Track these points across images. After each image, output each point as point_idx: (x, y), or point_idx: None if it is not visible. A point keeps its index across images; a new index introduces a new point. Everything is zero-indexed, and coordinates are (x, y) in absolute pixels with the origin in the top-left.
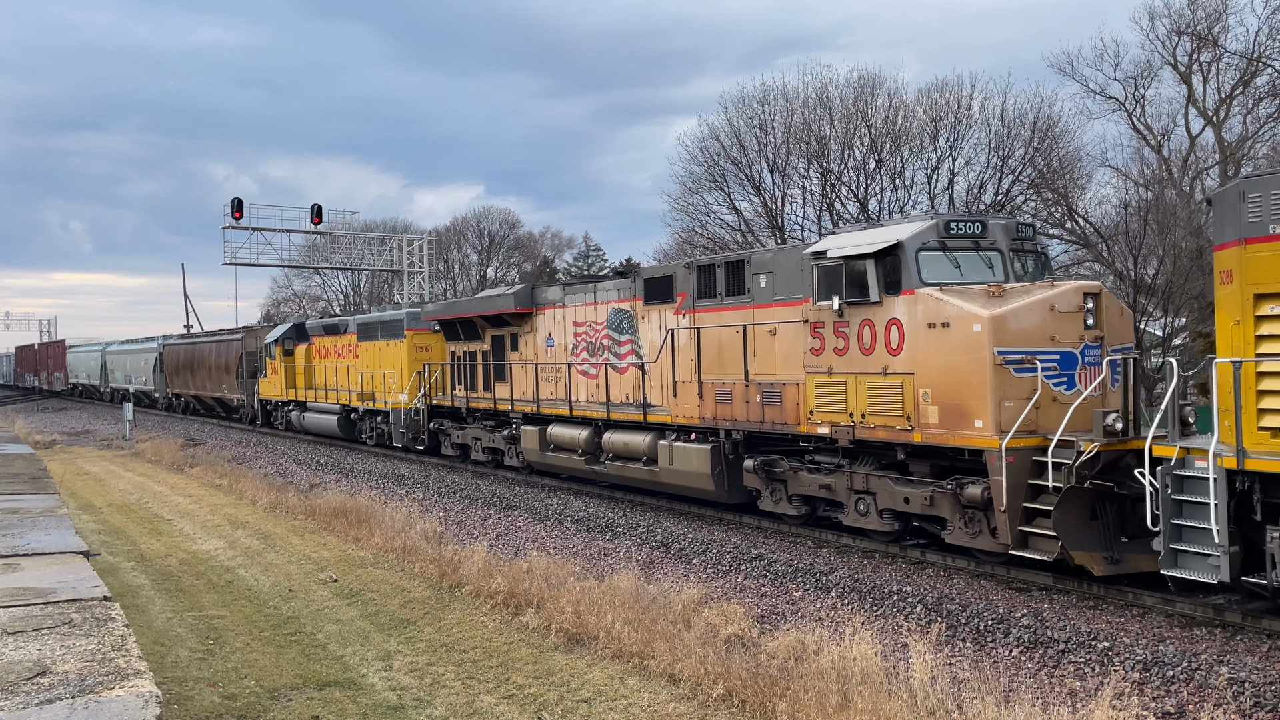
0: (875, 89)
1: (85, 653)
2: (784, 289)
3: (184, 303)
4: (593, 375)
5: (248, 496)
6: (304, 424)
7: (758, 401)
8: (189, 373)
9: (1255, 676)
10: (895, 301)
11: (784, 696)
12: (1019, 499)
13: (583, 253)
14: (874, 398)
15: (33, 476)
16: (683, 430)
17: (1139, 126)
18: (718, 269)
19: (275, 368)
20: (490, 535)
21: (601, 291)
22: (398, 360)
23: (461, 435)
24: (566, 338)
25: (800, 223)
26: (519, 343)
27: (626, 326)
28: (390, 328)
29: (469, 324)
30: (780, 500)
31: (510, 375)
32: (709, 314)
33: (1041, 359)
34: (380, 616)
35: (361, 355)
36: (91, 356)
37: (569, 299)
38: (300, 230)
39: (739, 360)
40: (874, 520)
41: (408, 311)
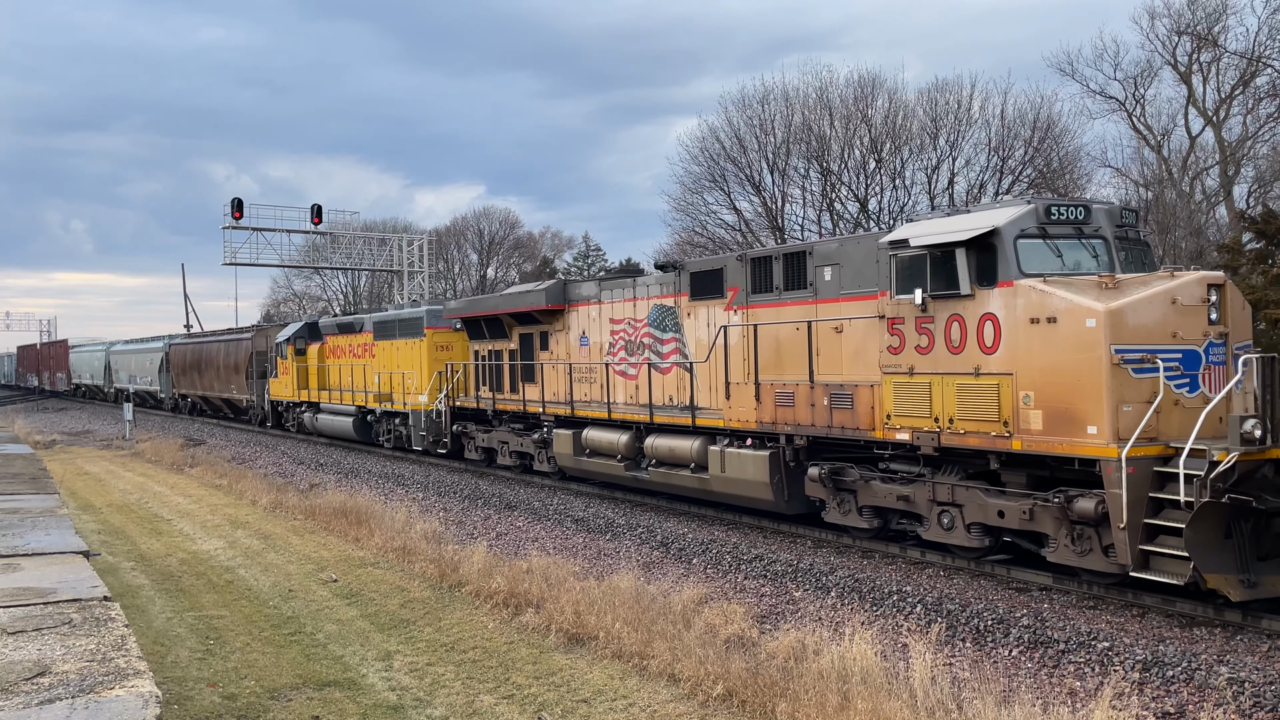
0: (875, 89)
1: (85, 653)
2: (852, 282)
3: (184, 303)
4: (632, 376)
5: (248, 496)
6: (317, 426)
7: (825, 404)
8: (196, 373)
9: (1255, 676)
10: (990, 294)
11: (784, 696)
12: (1140, 514)
13: (583, 253)
14: (964, 401)
15: (33, 476)
16: (736, 435)
17: (1139, 126)
18: (775, 261)
19: (286, 368)
20: (490, 535)
21: (642, 287)
22: (417, 360)
23: (487, 439)
24: (602, 336)
25: (800, 223)
26: (549, 341)
27: (670, 324)
28: (409, 326)
29: (495, 322)
30: (849, 512)
31: (541, 376)
32: (765, 310)
33: (1163, 357)
34: (380, 616)
35: (378, 355)
36: (95, 356)
37: (605, 295)
38: (300, 230)
39: (800, 360)
40: (960, 535)
41: (427, 309)
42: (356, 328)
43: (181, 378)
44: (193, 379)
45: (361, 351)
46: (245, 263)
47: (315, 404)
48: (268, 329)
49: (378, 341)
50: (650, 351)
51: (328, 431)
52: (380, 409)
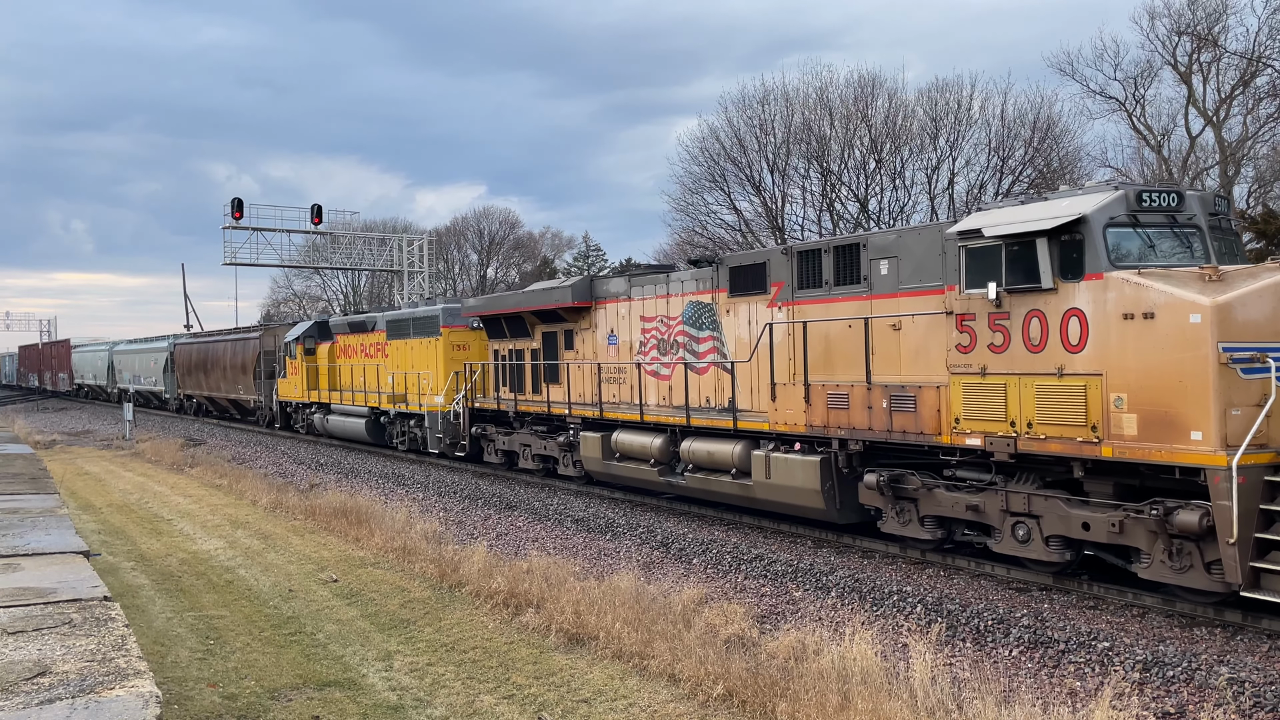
0: (875, 89)
1: (85, 653)
2: (912, 276)
3: (184, 303)
4: (664, 376)
5: (248, 496)
6: (328, 427)
7: (883, 407)
8: (202, 373)
9: (1255, 676)
10: (1075, 288)
11: (784, 696)
12: (1250, 528)
13: (582, 253)
14: (1045, 403)
15: (33, 476)
16: (783, 439)
17: (1139, 126)
18: (824, 255)
19: (296, 368)
20: (490, 535)
21: (676, 283)
22: (433, 359)
23: (508, 441)
24: (633, 334)
25: (800, 223)
26: (575, 340)
27: (707, 321)
28: (424, 325)
29: (516, 320)
30: (909, 522)
31: (566, 376)
32: (813, 306)
33: (1274, 356)
34: (380, 616)
35: (391, 354)
36: (98, 356)
37: (636, 291)
38: (300, 230)
39: (853, 359)
40: (1038, 548)
41: (443, 307)
42: (369, 326)
43: (187, 378)
44: (198, 379)
45: (374, 351)
46: (245, 263)
47: (326, 405)
48: (276, 328)
49: (391, 341)
50: (685, 351)
51: (339, 433)
52: (394, 410)
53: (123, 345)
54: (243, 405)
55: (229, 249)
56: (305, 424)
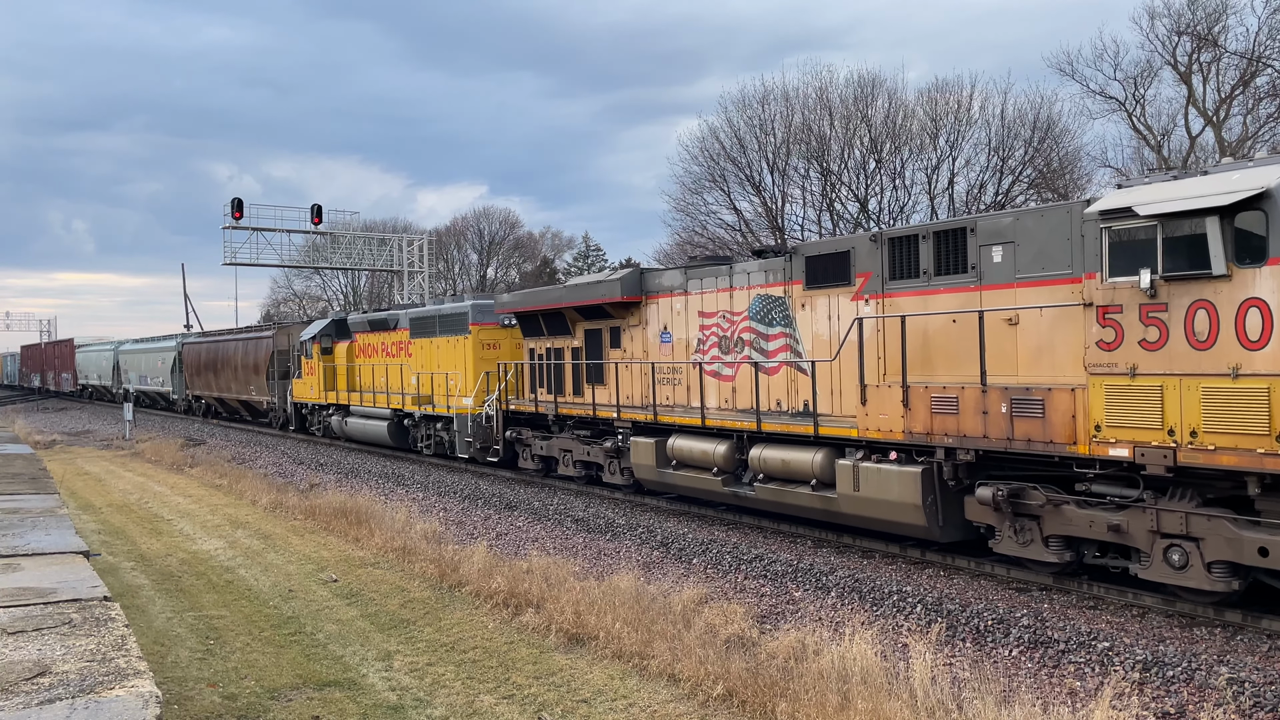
0: (875, 89)
1: (85, 653)
2: (1033, 263)
3: (184, 303)
4: (727, 377)
5: (248, 496)
6: (346, 430)
7: (1002, 412)
8: (211, 373)
9: (1255, 676)
10: (1255, 274)
11: (784, 696)
12: None
13: (583, 253)
14: (1215, 409)
15: (33, 476)
16: (875, 447)
17: (1139, 126)
18: (921, 241)
19: (312, 368)
20: (490, 535)
21: (740, 275)
22: (461, 359)
23: (546, 446)
24: (689, 331)
25: (800, 223)
26: (622, 338)
27: (778, 317)
28: (452, 322)
29: (556, 317)
30: (1030, 542)
31: (614, 377)
32: (909, 299)
33: None
34: (380, 616)
35: (415, 354)
36: (103, 356)
37: (693, 285)
38: (300, 230)
39: (957, 358)
40: (1198, 575)
41: (473, 303)
42: (390, 324)
43: (196, 378)
44: (208, 380)
45: (396, 350)
46: (245, 263)
47: (344, 407)
48: (290, 327)
49: (415, 339)
50: (751, 349)
51: (359, 436)
52: (419, 412)
53: (128, 345)
54: (254, 407)
55: (229, 249)
56: (322, 426)
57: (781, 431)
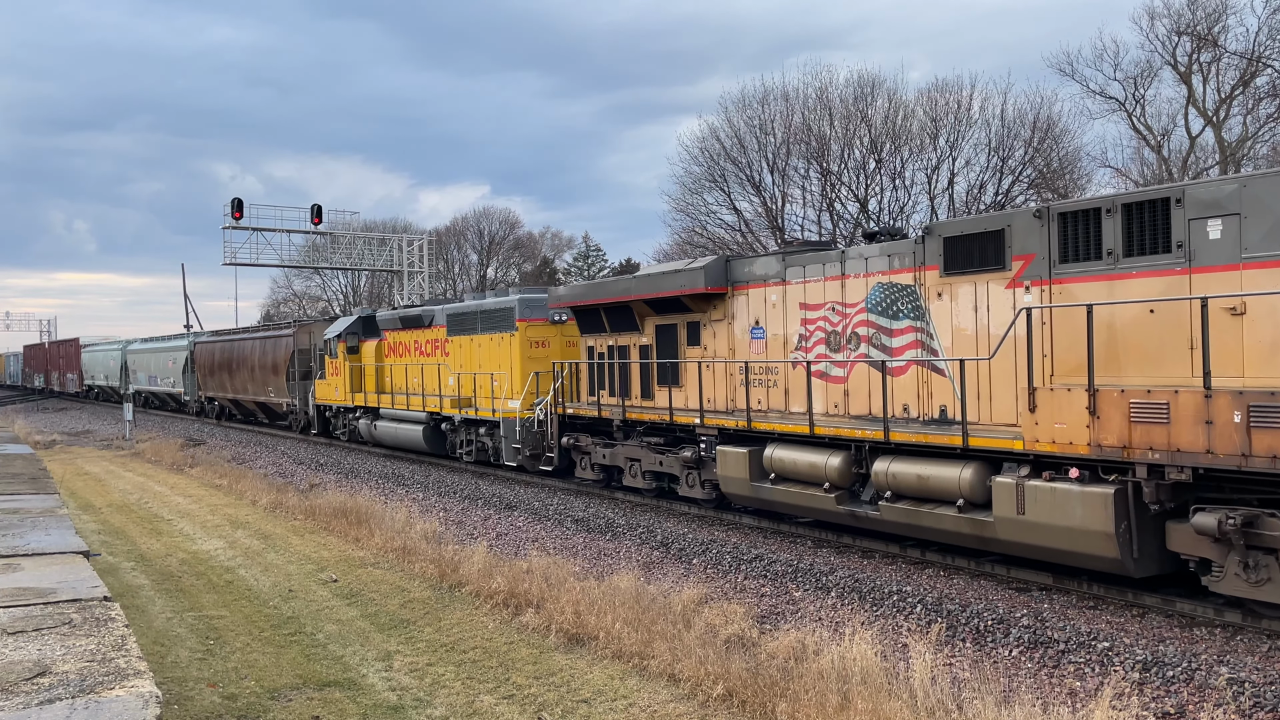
0: (875, 89)
1: (85, 653)
2: (1266, 240)
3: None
4: (836, 378)
5: (248, 496)
6: (376, 435)
7: (1235, 422)
8: (226, 374)
9: (1255, 676)
10: None
11: (784, 696)
12: None
13: (583, 253)
14: None
15: (33, 476)
16: (1047, 462)
17: (1139, 126)
18: (1105, 216)
19: (337, 368)
20: (490, 535)
21: (855, 260)
22: (507, 358)
23: (609, 455)
24: (787, 326)
25: (800, 223)
26: (702, 334)
27: (905, 308)
28: (497, 318)
29: (621, 311)
30: (1264, 581)
31: (695, 378)
32: (1086, 285)
33: None
34: (380, 616)
35: (454, 352)
36: (110, 356)
37: (793, 273)
38: (300, 230)
39: (1161, 355)
40: None
41: (520, 297)
42: (425, 321)
43: (209, 379)
44: (222, 380)
45: (431, 349)
46: (245, 263)
47: (374, 409)
48: (312, 324)
49: (453, 337)
50: (870, 345)
51: (390, 441)
52: (460, 416)
53: (137, 344)
54: (272, 409)
55: (229, 249)
56: (348, 430)
57: (916, 442)
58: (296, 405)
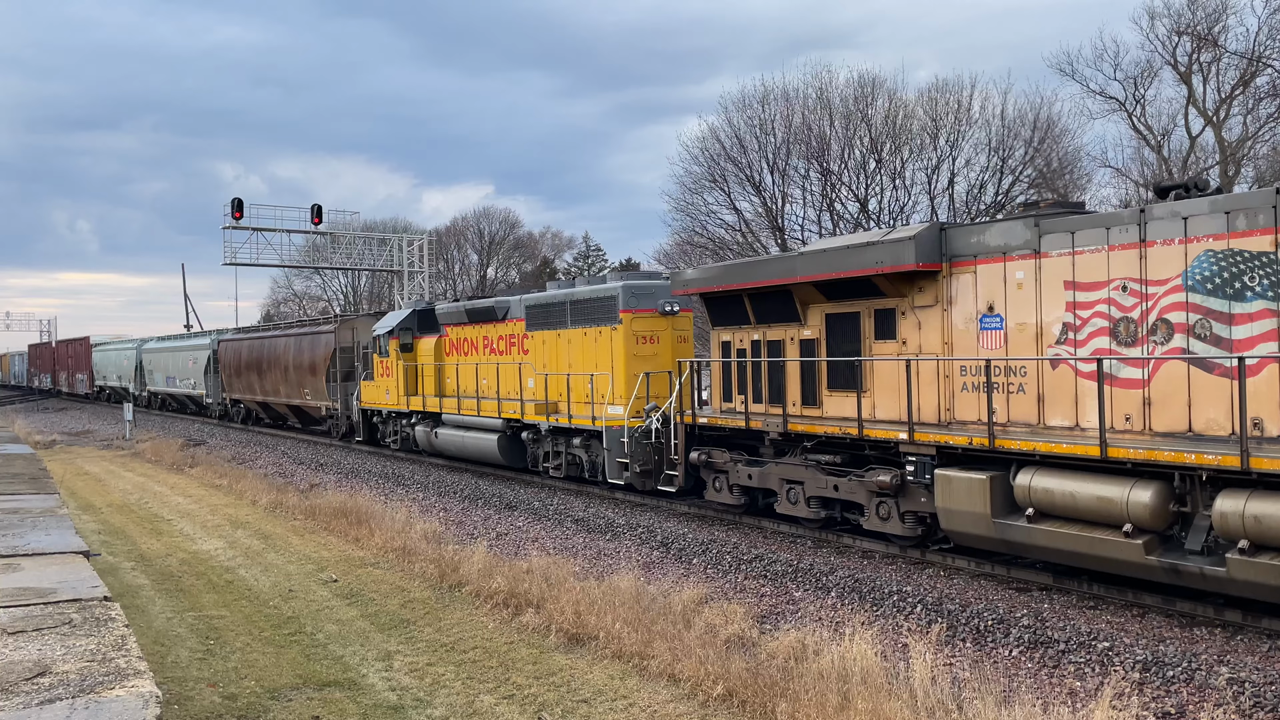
0: (875, 89)
1: (85, 653)
2: None
3: (184, 302)
4: (1131, 381)
5: (248, 497)
6: (436, 444)
7: None
8: (254, 374)
9: (1255, 676)
10: None
11: (784, 696)
12: None
13: (583, 252)
14: None
15: (33, 476)
16: None
17: (1139, 126)
18: None
19: (388, 367)
20: (490, 535)
21: (1165, 222)
22: (607, 356)
23: (758, 475)
24: (1044, 312)
25: (800, 223)
26: (899, 324)
27: (1256, 284)
28: (594, 309)
29: (776, 297)
30: None
31: (895, 380)
32: None
33: None
34: (380, 617)
35: (535, 349)
36: (123, 355)
37: (1054, 242)
38: (300, 230)
39: None
40: None
41: (624, 284)
42: (498, 314)
43: (235, 380)
44: (249, 381)
45: (506, 345)
46: (245, 263)
47: (434, 415)
48: (355, 320)
49: (535, 332)
50: (1192, 337)
51: (455, 452)
52: (546, 424)
53: (153, 343)
54: (309, 413)
55: (229, 249)
56: (400, 438)
57: None
58: (337, 409)
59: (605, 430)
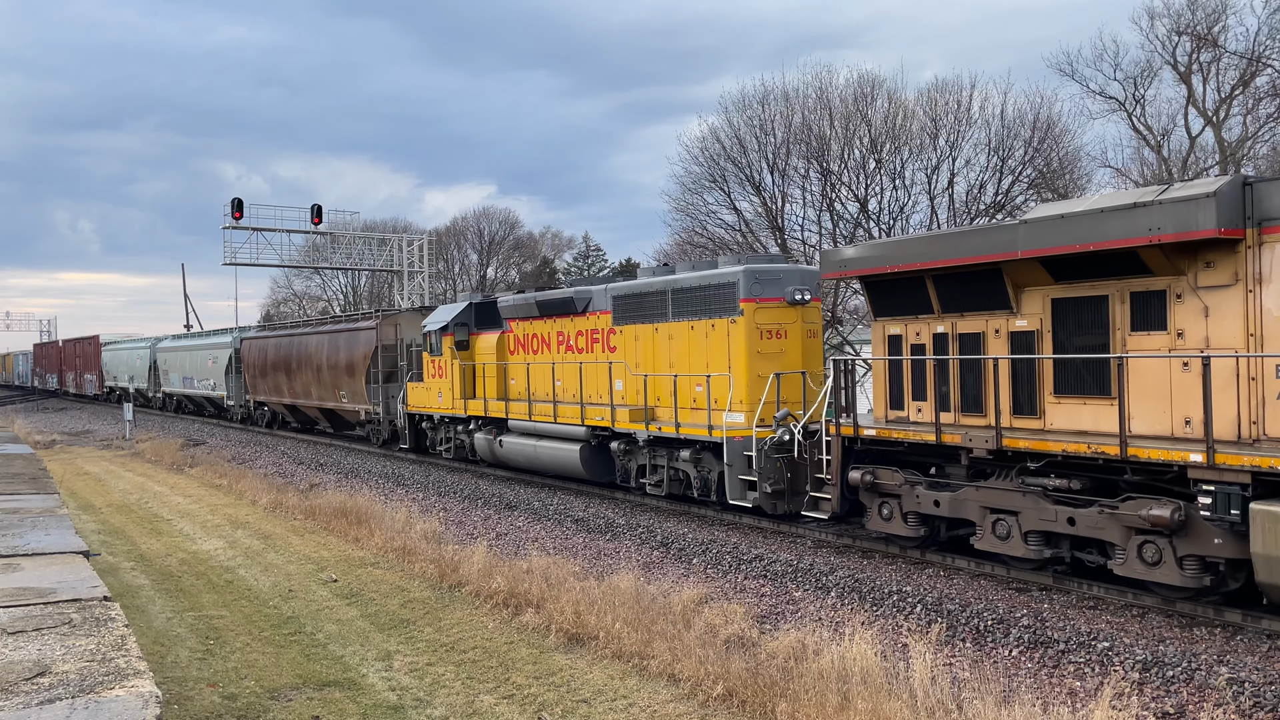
0: (875, 89)
1: (85, 653)
2: None
3: (184, 302)
4: None
5: (248, 496)
6: (501, 453)
7: None
8: (282, 374)
9: (1255, 676)
10: None
11: (784, 696)
12: None
13: (583, 253)
14: None
15: (33, 476)
16: None
17: (1139, 126)
18: None
19: (441, 367)
20: (490, 535)
21: None
22: (722, 352)
23: (949, 503)
24: None
25: (800, 223)
26: (1173, 311)
27: None
28: (704, 299)
29: (972, 279)
30: None
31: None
32: None
33: None
34: (380, 616)
35: (623, 346)
36: (136, 354)
37: None
38: (300, 230)
39: None
40: None
41: (746, 269)
42: (577, 306)
43: (259, 381)
44: (276, 383)
45: (587, 342)
46: (245, 263)
47: (496, 421)
48: (399, 315)
49: (623, 326)
50: None
51: (525, 463)
52: (646, 433)
53: (168, 341)
54: (343, 417)
55: (229, 249)
56: (453, 445)
57: None
58: (378, 413)
59: (726, 442)
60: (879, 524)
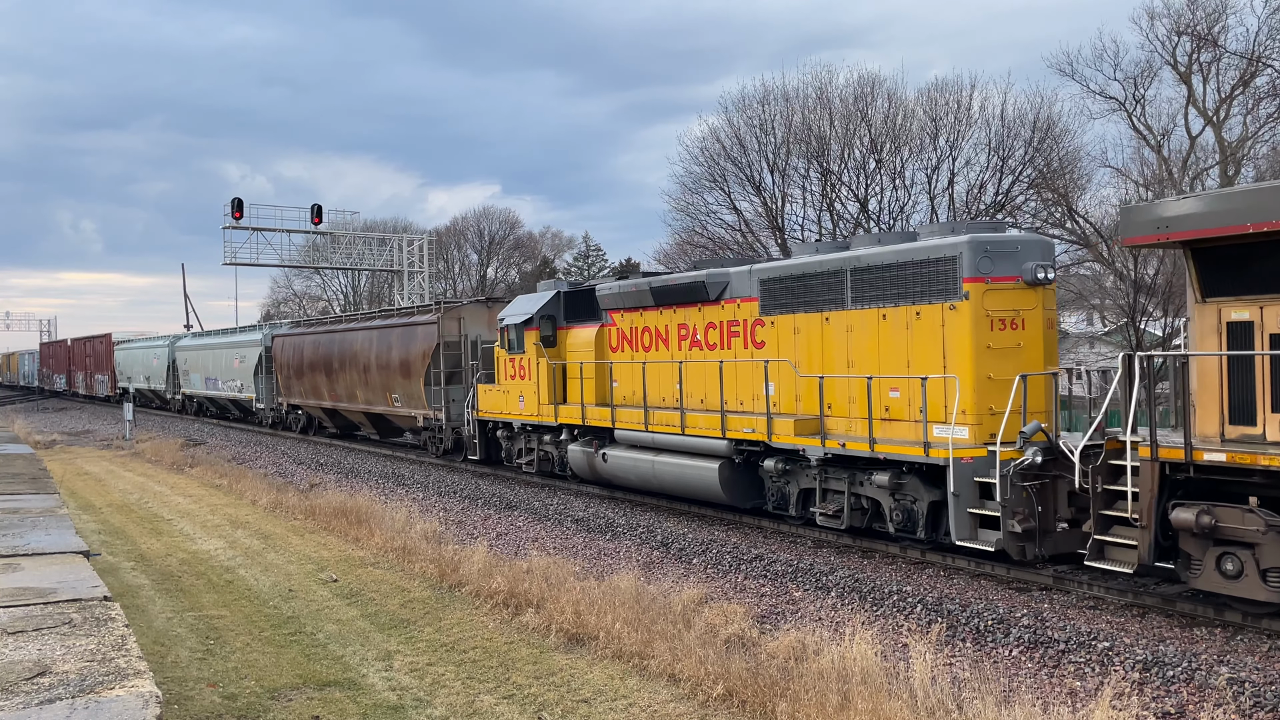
0: (875, 89)
1: (85, 653)
2: None
3: (184, 302)
4: None
5: (248, 496)
6: (605, 469)
7: None
8: (321, 374)
9: (1255, 676)
10: None
11: (784, 696)
12: None
13: (582, 253)
14: None
15: (33, 476)
16: None
17: (1139, 126)
18: None
19: (522, 367)
20: (490, 535)
21: None
22: (933, 348)
23: None
24: None
25: (800, 223)
26: None
27: None
28: (904, 278)
29: None
30: None
31: None
32: None
33: None
34: (380, 616)
35: (774, 341)
36: (153, 354)
37: None
38: (300, 230)
39: None
40: None
41: (972, 239)
42: (709, 292)
43: (294, 382)
44: (313, 384)
45: (721, 337)
46: (245, 263)
47: (598, 430)
48: (461, 308)
49: (774, 316)
50: None
51: (639, 482)
52: (822, 450)
53: (188, 340)
54: (394, 423)
55: (229, 249)
56: (538, 459)
57: None
58: (440, 419)
59: (953, 464)
60: (1217, 583)
